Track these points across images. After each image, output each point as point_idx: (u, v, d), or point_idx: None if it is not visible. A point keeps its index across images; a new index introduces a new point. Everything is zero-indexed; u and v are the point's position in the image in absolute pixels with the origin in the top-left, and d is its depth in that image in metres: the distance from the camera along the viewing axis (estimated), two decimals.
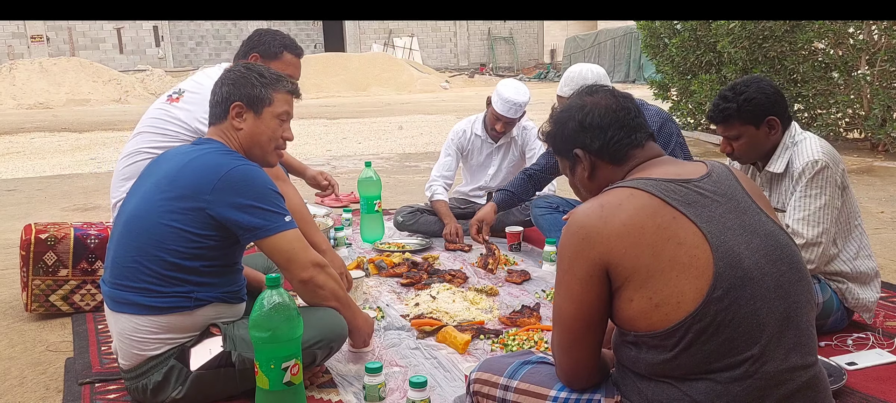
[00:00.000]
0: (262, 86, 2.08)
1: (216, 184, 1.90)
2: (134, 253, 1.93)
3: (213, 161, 1.95)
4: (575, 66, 3.28)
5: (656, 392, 1.36)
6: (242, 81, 2.07)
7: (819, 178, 2.31)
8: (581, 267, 1.37)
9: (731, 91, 2.37)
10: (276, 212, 1.97)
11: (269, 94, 2.08)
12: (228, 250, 2.00)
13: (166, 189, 1.94)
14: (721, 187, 1.41)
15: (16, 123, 13.38)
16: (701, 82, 7.52)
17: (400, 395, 2.07)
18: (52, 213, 5.16)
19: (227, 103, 2.05)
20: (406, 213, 4.05)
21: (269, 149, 2.12)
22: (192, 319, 1.97)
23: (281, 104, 2.11)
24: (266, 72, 2.12)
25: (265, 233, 1.94)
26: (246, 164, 1.98)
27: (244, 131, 2.07)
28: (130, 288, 1.93)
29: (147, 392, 1.99)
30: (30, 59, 21.80)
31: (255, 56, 2.92)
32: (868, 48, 6.59)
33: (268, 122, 2.09)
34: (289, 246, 1.97)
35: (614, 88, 1.59)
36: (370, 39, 31.21)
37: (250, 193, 1.92)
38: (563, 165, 1.61)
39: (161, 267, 1.91)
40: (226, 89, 2.06)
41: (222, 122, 2.07)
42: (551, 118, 1.60)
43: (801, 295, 1.38)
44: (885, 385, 2.09)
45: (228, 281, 2.04)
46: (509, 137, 3.99)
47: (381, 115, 13.84)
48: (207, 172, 1.92)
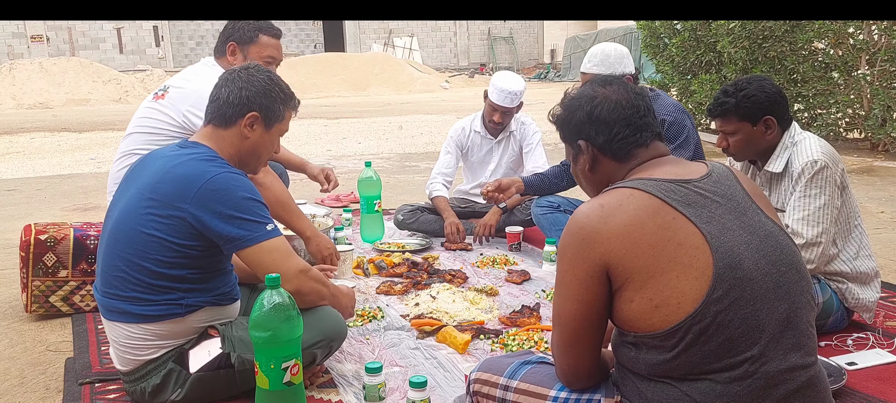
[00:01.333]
0: (282, 103, 2.04)
1: (196, 193, 1.85)
2: (120, 263, 1.91)
3: (194, 169, 1.89)
4: (600, 45, 3.22)
5: (656, 392, 1.36)
6: (265, 93, 2.00)
7: (818, 178, 2.31)
8: (581, 267, 1.37)
9: (733, 87, 2.39)
10: (258, 222, 1.90)
11: (284, 112, 2.06)
12: (213, 258, 1.96)
13: (148, 196, 1.90)
14: (721, 188, 1.41)
15: (16, 123, 13.37)
16: (701, 82, 7.52)
17: (400, 395, 2.06)
18: (52, 213, 5.15)
19: (244, 109, 1.98)
20: (406, 212, 4.05)
21: (264, 161, 2.11)
22: (184, 325, 1.96)
23: (287, 121, 2.10)
24: (286, 87, 2.08)
25: (245, 244, 1.88)
26: (228, 172, 1.92)
27: (251, 141, 2.02)
28: (120, 297, 1.92)
29: (146, 394, 1.99)
30: (30, 59, 21.78)
31: (232, 45, 2.92)
32: (868, 48, 6.58)
33: (274, 137, 2.07)
34: (270, 258, 1.90)
35: (629, 83, 1.56)
36: (370, 39, 31.20)
37: (231, 202, 1.87)
38: (568, 152, 1.61)
39: (147, 276, 1.88)
40: (246, 94, 1.98)
41: (228, 126, 2.00)
42: (563, 102, 1.59)
43: (801, 295, 1.38)
44: (885, 385, 2.09)
45: (218, 284, 2.01)
46: (508, 132, 3.99)
47: (380, 115, 13.83)
48: (188, 181, 1.87)
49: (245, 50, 2.93)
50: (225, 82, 2.03)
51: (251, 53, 2.93)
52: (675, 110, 3.09)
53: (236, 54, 2.93)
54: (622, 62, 3.11)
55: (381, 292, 3.05)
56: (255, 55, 2.93)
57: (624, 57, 3.13)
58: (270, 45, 2.98)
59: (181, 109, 2.81)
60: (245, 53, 2.93)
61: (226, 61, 2.93)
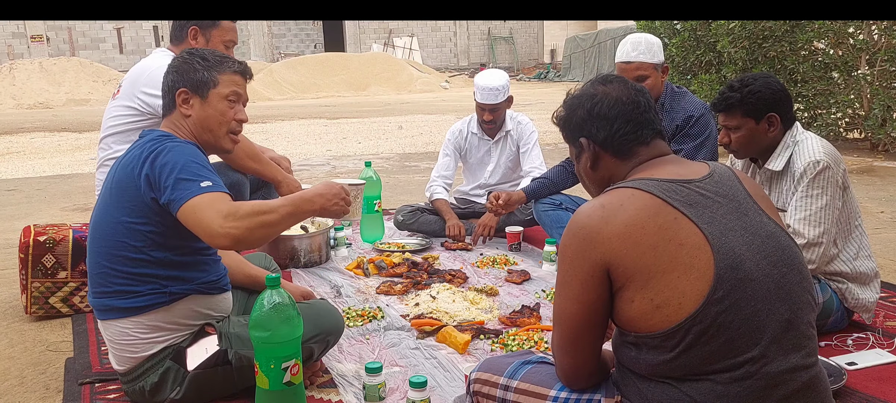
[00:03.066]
0: (205, 70, 2.01)
1: (142, 166, 1.87)
2: (102, 259, 1.94)
3: (141, 149, 1.91)
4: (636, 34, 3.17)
5: (656, 392, 1.36)
6: (185, 67, 2.02)
7: (820, 179, 2.31)
8: (582, 267, 1.37)
9: (738, 82, 2.41)
10: (191, 180, 1.81)
11: (214, 77, 2.01)
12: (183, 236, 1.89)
13: (112, 189, 1.94)
14: (722, 188, 1.41)
15: (16, 123, 13.37)
16: (701, 82, 7.51)
17: (400, 395, 2.06)
18: (51, 213, 5.15)
19: (173, 91, 2.01)
20: (406, 213, 4.05)
21: (221, 133, 2.04)
22: (171, 314, 1.96)
23: (227, 85, 2.02)
24: (209, 54, 2.05)
25: (179, 203, 1.79)
26: (171, 141, 1.91)
27: (192, 117, 2.01)
28: (106, 293, 1.94)
29: (145, 394, 1.99)
30: (30, 59, 21.78)
31: (194, 29, 2.93)
32: (868, 48, 6.58)
33: (216, 105, 2.01)
34: (192, 212, 1.77)
35: (631, 81, 1.56)
36: (370, 39, 31.20)
37: (168, 166, 1.83)
38: (571, 151, 1.62)
39: (127, 265, 1.91)
40: (170, 78, 2.02)
41: (172, 112, 2.03)
42: (565, 102, 1.60)
43: (802, 296, 1.38)
44: (885, 385, 2.09)
45: (201, 273, 2.00)
46: (505, 132, 3.99)
47: (380, 115, 13.83)
48: (137, 160, 1.89)
49: (207, 34, 2.95)
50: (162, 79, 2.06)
51: (213, 37, 2.95)
52: (701, 108, 3.11)
53: (198, 38, 2.94)
54: (661, 52, 3.11)
55: (381, 292, 3.04)
56: (218, 39, 2.96)
57: (660, 47, 3.12)
58: (231, 29, 3.01)
59: (135, 93, 2.85)
60: (207, 37, 2.95)
61: (184, 46, 2.92)
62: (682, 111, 3.10)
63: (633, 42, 3.10)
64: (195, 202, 1.77)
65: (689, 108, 3.11)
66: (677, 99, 3.16)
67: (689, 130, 3.07)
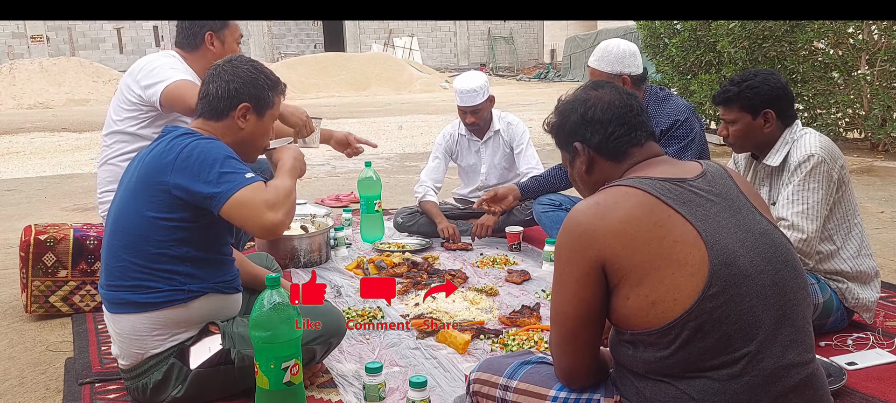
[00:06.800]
0: (270, 89, 2.05)
1: (174, 161, 1.87)
2: (121, 252, 1.93)
3: (169, 145, 1.92)
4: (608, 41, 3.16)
5: (654, 391, 1.37)
6: (253, 82, 2.01)
7: (816, 172, 2.32)
8: (578, 265, 1.38)
9: (739, 77, 2.43)
10: (235, 173, 1.86)
11: (272, 98, 2.06)
12: (208, 232, 1.94)
13: (136, 183, 1.94)
14: (716, 187, 1.42)
15: (16, 123, 13.37)
16: (701, 82, 7.51)
17: (400, 395, 2.07)
18: (52, 213, 5.15)
19: (235, 101, 1.99)
20: (405, 215, 4.06)
21: (259, 148, 2.11)
22: (187, 312, 1.96)
23: (277, 106, 2.11)
24: (270, 73, 2.09)
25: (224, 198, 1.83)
26: (200, 139, 1.92)
27: (246, 131, 2.03)
28: (123, 287, 1.94)
29: (147, 391, 1.99)
30: (30, 59, 21.78)
31: (210, 34, 2.96)
32: (868, 48, 6.58)
33: (267, 124, 2.07)
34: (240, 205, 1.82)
35: (620, 86, 1.59)
36: (370, 39, 31.20)
37: (207, 162, 1.85)
38: (564, 158, 1.63)
39: (148, 260, 1.91)
40: (234, 86, 1.99)
41: (220, 119, 2.01)
42: (556, 109, 1.61)
43: (798, 292, 1.39)
44: (885, 385, 2.09)
45: (219, 272, 2.02)
46: (494, 131, 3.98)
47: (380, 115, 13.83)
48: (166, 155, 1.90)
49: (221, 35, 2.99)
50: (211, 78, 2.03)
51: (227, 37, 2.99)
52: (686, 110, 3.10)
53: (215, 42, 2.97)
54: (623, 62, 3.03)
55: None
56: (230, 38, 2.99)
57: (625, 57, 3.05)
58: (237, 26, 3.06)
59: (130, 85, 2.87)
60: (222, 38, 2.98)
61: (203, 50, 2.95)
62: (667, 116, 3.06)
63: (597, 49, 3.14)
64: (241, 195, 1.83)
65: (672, 113, 3.07)
66: (661, 104, 3.13)
67: (675, 133, 3.05)
